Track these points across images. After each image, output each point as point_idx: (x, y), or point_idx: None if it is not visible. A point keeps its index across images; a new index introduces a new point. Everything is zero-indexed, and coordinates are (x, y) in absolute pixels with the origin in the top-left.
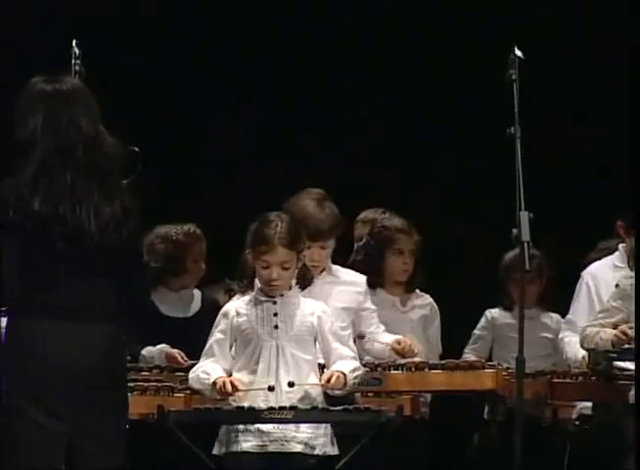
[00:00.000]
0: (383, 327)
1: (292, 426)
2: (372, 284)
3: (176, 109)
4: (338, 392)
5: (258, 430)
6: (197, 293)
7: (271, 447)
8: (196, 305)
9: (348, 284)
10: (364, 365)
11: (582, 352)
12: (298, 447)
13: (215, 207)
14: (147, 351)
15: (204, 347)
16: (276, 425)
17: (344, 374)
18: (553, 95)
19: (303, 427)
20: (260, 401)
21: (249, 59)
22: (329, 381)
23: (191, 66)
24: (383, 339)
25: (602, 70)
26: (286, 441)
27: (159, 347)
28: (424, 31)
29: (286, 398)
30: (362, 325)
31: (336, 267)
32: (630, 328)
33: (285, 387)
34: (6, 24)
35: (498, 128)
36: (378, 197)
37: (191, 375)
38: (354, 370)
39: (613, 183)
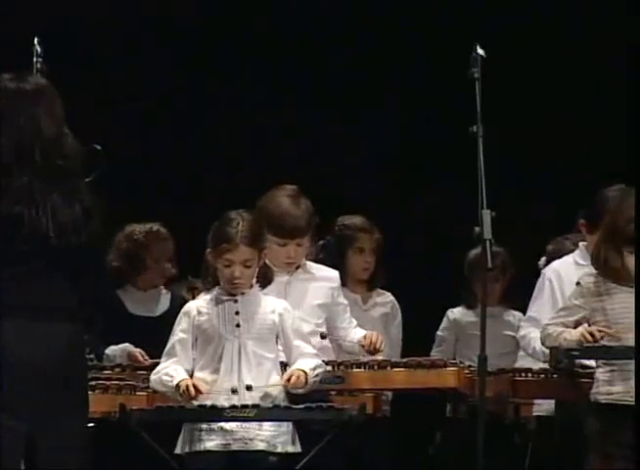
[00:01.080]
0: (355, 322)
1: (255, 425)
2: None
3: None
4: (300, 390)
5: (222, 429)
6: (165, 292)
7: (234, 446)
8: (164, 304)
9: (323, 280)
10: (326, 364)
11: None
12: (261, 446)
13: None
14: (110, 350)
15: None
16: (239, 424)
17: (305, 372)
18: (515, 93)
19: (266, 425)
20: (223, 400)
21: (225, 56)
22: (289, 380)
23: (157, 63)
24: (353, 335)
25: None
26: (249, 439)
27: (121, 346)
28: (389, 30)
29: (248, 396)
30: (336, 321)
31: (310, 264)
32: (599, 331)
33: (247, 385)
34: None
35: (462, 127)
36: (342, 197)
37: (153, 377)
38: (315, 368)
39: (575, 180)
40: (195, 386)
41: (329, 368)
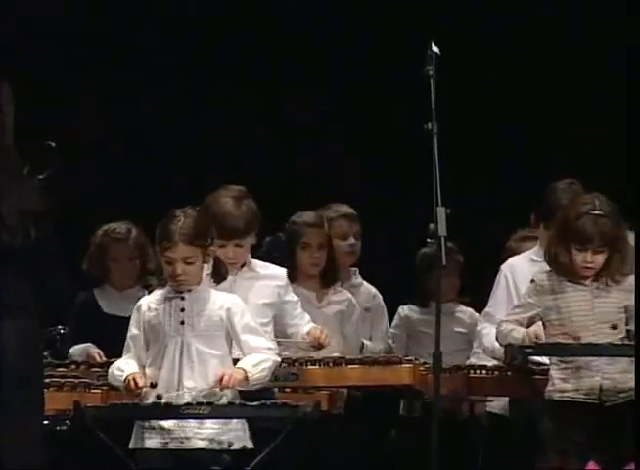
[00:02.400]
0: (307, 318)
1: (194, 422)
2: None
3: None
4: (241, 387)
5: (160, 427)
6: (141, 292)
7: (172, 445)
8: None
9: (268, 278)
10: (282, 360)
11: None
12: (201, 444)
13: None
14: (73, 349)
15: None
16: (177, 422)
17: (244, 370)
18: (471, 90)
19: (208, 423)
20: (165, 398)
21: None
22: (221, 381)
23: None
24: (305, 331)
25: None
26: (186, 438)
27: (83, 345)
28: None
29: (188, 395)
30: (285, 318)
31: (255, 263)
32: (537, 337)
33: (187, 384)
34: None
35: (416, 124)
36: (296, 193)
37: (109, 371)
38: (259, 364)
39: (530, 177)
40: (135, 379)
41: (284, 365)
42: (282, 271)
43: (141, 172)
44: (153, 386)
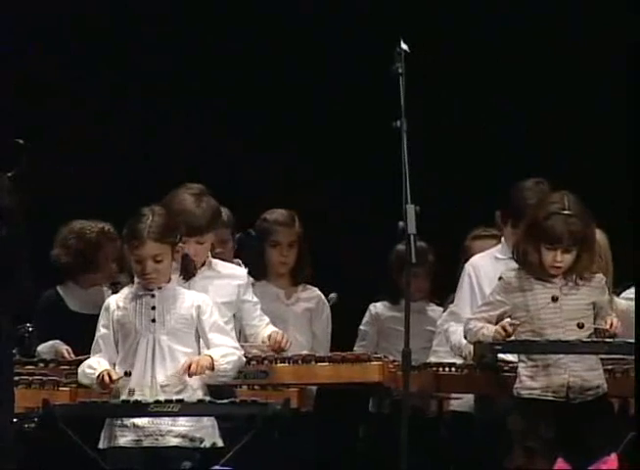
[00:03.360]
0: (267, 320)
1: (168, 420)
2: (255, 276)
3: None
4: (208, 379)
5: (134, 425)
6: (107, 291)
7: (146, 442)
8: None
9: (228, 277)
10: (251, 358)
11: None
12: (174, 441)
13: None
14: (41, 346)
15: None
16: (151, 419)
17: (211, 357)
18: (441, 88)
19: (182, 420)
20: (137, 396)
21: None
22: (189, 368)
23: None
24: (263, 333)
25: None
26: (160, 435)
27: (50, 342)
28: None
29: (161, 391)
30: (245, 319)
31: (215, 261)
32: (510, 324)
33: (160, 380)
34: None
35: (385, 121)
36: (264, 192)
37: (79, 371)
38: (226, 355)
39: (499, 175)
40: (109, 374)
41: (253, 362)
42: (242, 271)
43: (109, 172)
44: (127, 374)
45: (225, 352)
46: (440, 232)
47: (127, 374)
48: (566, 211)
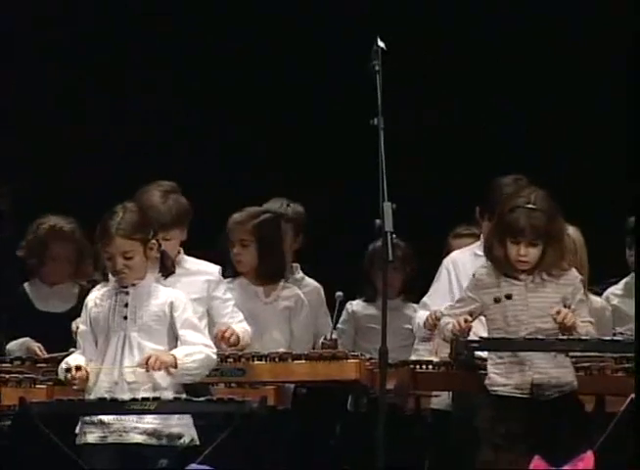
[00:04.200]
0: (240, 316)
1: (133, 417)
2: (232, 274)
3: None
4: (174, 378)
5: (100, 422)
6: (74, 288)
7: (110, 439)
8: (70, 300)
9: (197, 274)
10: (228, 356)
11: (423, 320)
12: (139, 438)
13: None
14: (10, 344)
15: None
16: (117, 416)
17: (173, 355)
18: (417, 85)
19: (148, 418)
20: (104, 393)
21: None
22: (147, 362)
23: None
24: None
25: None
26: (125, 432)
27: (21, 340)
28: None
29: (128, 388)
30: (216, 315)
31: (186, 258)
32: (465, 321)
33: (128, 378)
34: None
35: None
36: (238, 189)
37: (59, 368)
38: (192, 354)
39: (477, 172)
40: (78, 367)
41: (230, 360)
42: (213, 267)
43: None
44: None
45: (191, 351)
46: (419, 230)
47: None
48: (529, 205)
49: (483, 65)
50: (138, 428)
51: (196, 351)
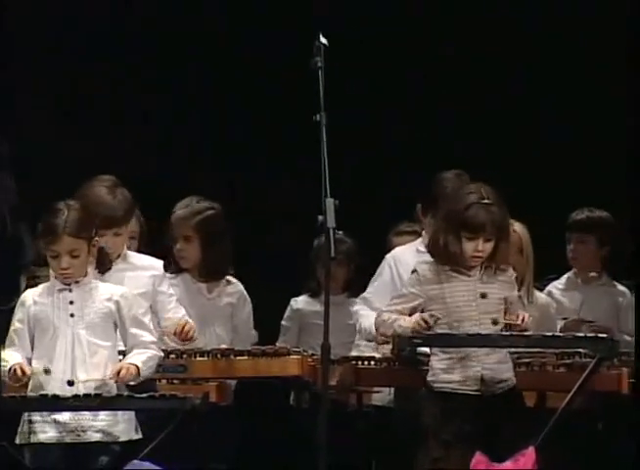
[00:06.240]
0: (182, 311)
1: (89, 415)
2: (175, 270)
3: None
4: (132, 382)
5: (55, 421)
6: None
7: (68, 438)
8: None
9: (142, 269)
10: (170, 352)
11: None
12: (96, 437)
13: None
14: None
15: None
16: (73, 415)
17: (137, 366)
18: (359, 80)
19: (102, 415)
20: (58, 391)
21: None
22: (119, 374)
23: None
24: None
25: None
26: (82, 431)
27: None
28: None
29: (82, 387)
30: (160, 310)
31: (131, 254)
32: (431, 316)
33: (81, 376)
34: None
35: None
36: (184, 184)
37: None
38: (148, 361)
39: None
40: (21, 367)
41: (172, 356)
42: (158, 262)
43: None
44: (47, 372)
45: (147, 357)
46: (363, 227)
47: (47, 372)
48: (485, 201)
49: (426, 62)
50: (94, 426)
51: (150, 355)
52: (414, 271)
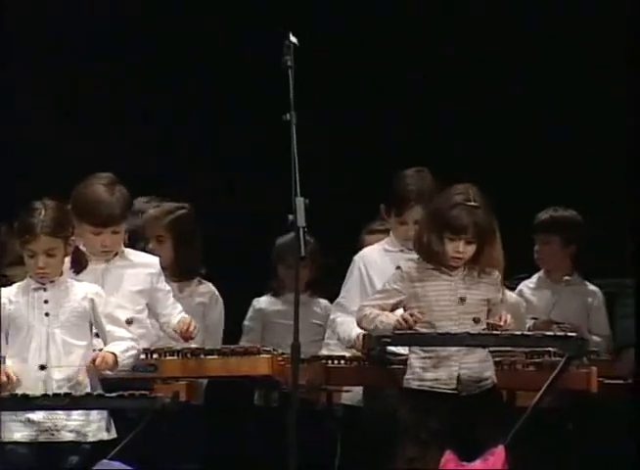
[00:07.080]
0: (179, 308)
1: (62, 415)
2: None
3: None
4: (109, 373)
5: (29, 420)
6: None
7: (42, 438)
8: None
9: (140, 266)
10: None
11: (356, 332)
12: (70, 436)
13: None
14: None
15: None
16: (46, 414)
17: (114, 354)
18: (330, 80)
19: (75, 415)
20: (32, 389)
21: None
22: (94, 362)
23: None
24: (175, 321)
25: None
26: (56, 430)
27: None
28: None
29: (57, 386)
30: (157, 307)
31: (128, 251)
32: (411, 315)
33: (55, 375)
34: None
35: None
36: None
37: None
38: (127, 350)
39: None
40: (7, 373)
41: (142, 356)
42: (155, 259)
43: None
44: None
45: (126, 347)
46: (330, 226)
47: (43, 368)
48: (471, 203)
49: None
50: (67, 426)
51: (129, 346)
52: (398, 268)
